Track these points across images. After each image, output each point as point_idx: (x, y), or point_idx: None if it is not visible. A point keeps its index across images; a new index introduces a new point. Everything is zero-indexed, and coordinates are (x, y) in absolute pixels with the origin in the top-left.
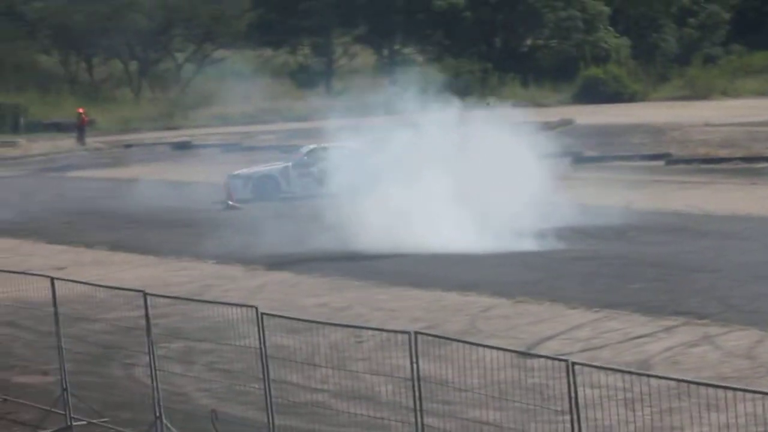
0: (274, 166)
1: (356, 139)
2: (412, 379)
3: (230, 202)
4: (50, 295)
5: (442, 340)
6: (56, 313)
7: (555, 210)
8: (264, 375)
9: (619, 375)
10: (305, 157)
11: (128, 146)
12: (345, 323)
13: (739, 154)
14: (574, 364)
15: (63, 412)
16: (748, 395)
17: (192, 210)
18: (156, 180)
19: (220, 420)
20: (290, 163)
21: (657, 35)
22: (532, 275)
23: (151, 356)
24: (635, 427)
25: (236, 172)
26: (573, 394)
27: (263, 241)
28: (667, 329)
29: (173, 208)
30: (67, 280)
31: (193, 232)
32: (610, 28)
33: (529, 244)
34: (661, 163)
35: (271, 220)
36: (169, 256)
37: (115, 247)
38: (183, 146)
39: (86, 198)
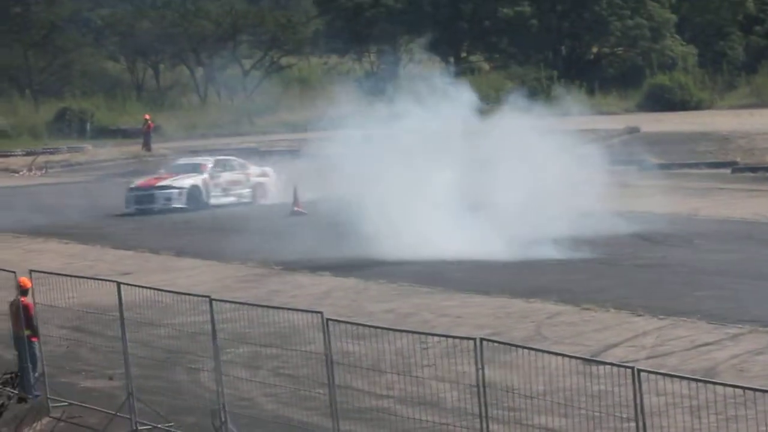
0: (197, 177)
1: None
2: (478, 386)
3: (296, 208)
4: (116, 300)
5: (507, 347)
6: (122, 318)
7: (621, 218)
8: (329, 380)
9: (684, 382)
10: (215, 168)
11: (194, 152)
12: (411, 329)
13: None
14: (639, 371)
15: (128, 417)
16: None
17: (256, 216)
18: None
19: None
20: (206, 174)
21: (724, 43)
22: (597, 282)
23: (217, 361)
24: None
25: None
26: (638, 402)
27: (329, 246)
28: (733, 337)
29: (238, 213)
30: (133, 285)
31: (259, 237)
32: (677, 36)
33: (594, 252)
34: (727, 171)
35: (334, 225)
36: (235, 261)
37: (180, 252)
38: (250, 152)
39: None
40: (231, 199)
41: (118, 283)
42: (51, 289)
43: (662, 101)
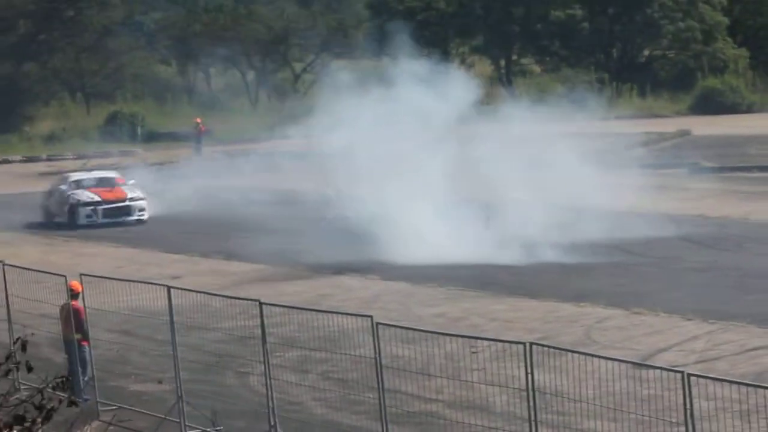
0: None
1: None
2: (527, 390)
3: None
4: (166, 304)
5: (557, 351)
6: (172, 322)
7: (671, 221)
8: (379, 384)
9: (734, 387)
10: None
11: (245, 155)
12: (460, 333)
13: None
14: (689, 375)
15: (177, 420)
16: None
17: (309, 219)
18: (271, 189)
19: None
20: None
21: None
22: (647, 286)
23: (266, 365)
24: None
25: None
26: (688, 406)
27: (379, 250)
28: None
29: (289, 217)
30: (183, 289)
31: (309, 241)
32: (728, 39)
33: (643, 255)
34: None
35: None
36: (285, 265)
37: (230, 256)
38: (300, 156)
39: (202, 207)
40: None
41: (168, 287)
42: (101, 293)
43: (714, 104)
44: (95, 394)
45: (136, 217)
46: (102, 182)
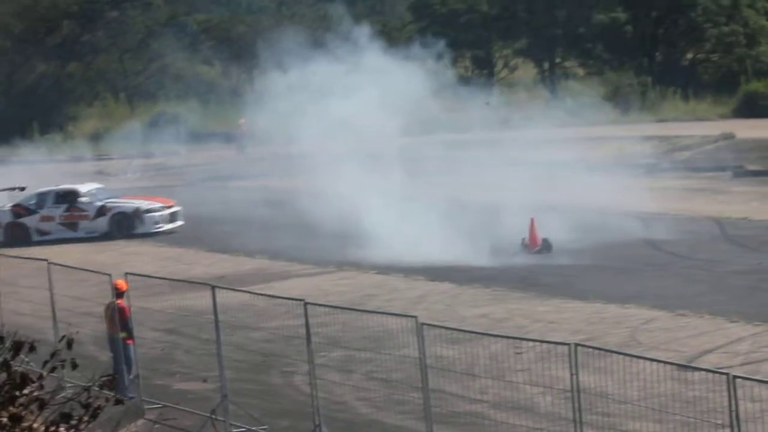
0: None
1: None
2: (572, 391)
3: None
4: (211, 304)
5: (602, 353)
6: (216, 321)
7: (715, 223)
8: (423, 384)
9: None
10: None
11: (290, 157)
12: (505, 334)
13: None
14: (735, 377)
15: (222, 419)
16: None
17: (351, 220)
18: (315, 191)
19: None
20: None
21: None
22: (692, 288)
23: (311, 365)
24: None
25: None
26: (733, 408)
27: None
28: None
29: (332, 217)
30: (228, 289)
31: (353, 242)
32: None
33: (688, 258)
34: None
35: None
36: (329, 265)
37: (275, 256)
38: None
39: (247, 207)
40: None
41: (213, 287)
42: (146, 292)
43: (758, 108)
44: (140, 392)
45: (179, 223)
46: (111, 193)
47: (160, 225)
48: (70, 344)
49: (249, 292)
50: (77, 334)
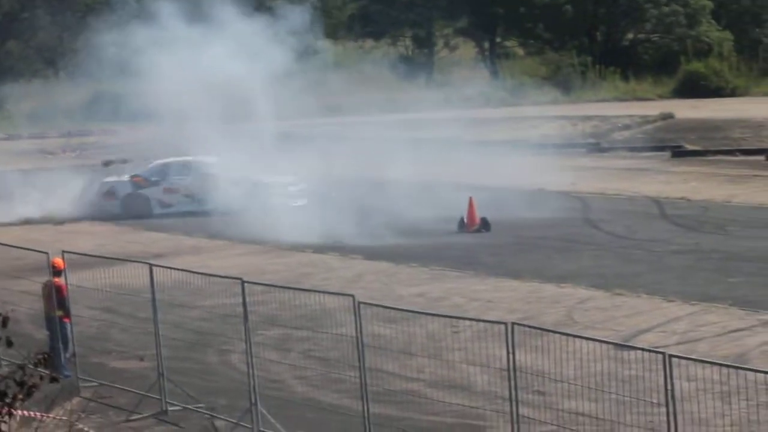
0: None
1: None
2: (508, 370)
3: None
4: (148, 282)
5: (538, 331)
6: (154, 300)
7: (653, 204)
8: (360, 363)
9: (715, 368)
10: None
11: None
12: (442, 313)
13: None
14: (670, 356)
15: (158, 397)
16: None
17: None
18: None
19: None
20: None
21: (760, 30)
22: (630, 267)
23: (248, 343)
24: (731, 420)
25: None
26: (669, 387)
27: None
28: (765, 323)
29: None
30: (165, 267)
31: (291, 221)
32: (713, 22)
33: (626, 237)
34: (761, 158)
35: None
36: (267, 244)
37: (213, 235)
38: (287, 136)
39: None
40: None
41: (151, 265)
42: (83, 271)
43: (697, 88)
44: (76, 370)
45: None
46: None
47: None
48: (5, 322)
49: (186, 271)
50: (13, 312)
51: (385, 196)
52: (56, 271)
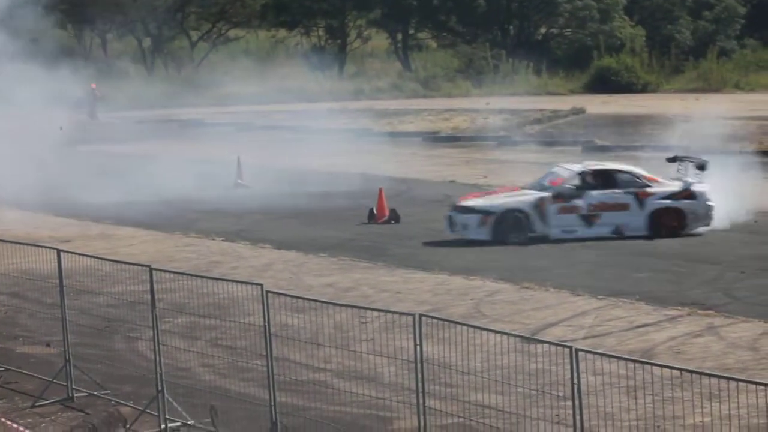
0: (524, 197)
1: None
2: (416, 361)
3: (239, 180)
4: (56, 268)
5: (446, 323)
6: (61, 285)
7: None
8: (267, 352)
9: (622, 363)
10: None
11: (139, 122)
12: (350, 304)
13: (750, 148)
14: (577, 350)
15: (65, 384)
16: (750, 386)
17: (202, 188)
18: (168, 156)
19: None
20: (548, 193)
21: (672, 27)
22: (537, 262)
23: (155, 330)
24: (636, 414)
25: (467, 203)
26: (575, 381)
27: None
28: (672, 319)
29: (185, 185)
30: (74, 253)
31: (202, 209)
32: (626, 18)
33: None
34: (671, 154)
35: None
36: (176, 232)
37: (121, 221)
38: (195, 124)
39: (96, 172)
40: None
41: (58, 251)
42: None
43: (609, 83)
44: None
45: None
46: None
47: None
48: None
49: (94, 257)
50: None
51: (296, 185)
52: None
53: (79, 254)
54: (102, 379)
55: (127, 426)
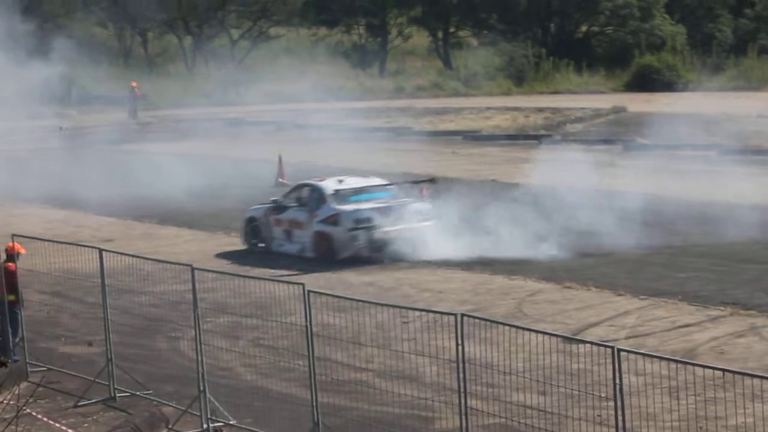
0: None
1: None
2: (457, 361)
3: (280, 179)
4: (98, 267)
5: (488, 323)
6: (103, 285)
7: (604, 197)
8: (309, 352)
9: (664, 363)
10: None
11: (180, 121)
12: (392, 303)
13: None
14: (619, 350)
15: (107, 383)
16: None
17: (245, 186)
18: (209, 156)
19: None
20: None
21: (713, 25)
22: (580, 261)
23: (197, 330)
24: (678, 415)
25: None
26: (618, 381)
27: None
28: (714, 319)
29: (226, 184)
30: (116, 252)
31: (245, 208)
32: (666, 16)
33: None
34: (713, 153)
35: None
36: (218, 231)
37: (163, 220)
38: (236, 123)
39: (137, 171)
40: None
41: (100, 250)
42: (33, 254)
43: (650, 81)
44: (25, 355)
45: None
46: None
47: None
48: None
49: (137, 256)
50: None
51: None
52: (9, 256)
53: (121, 253)
54: (144, 379)
55: (170, 426)
